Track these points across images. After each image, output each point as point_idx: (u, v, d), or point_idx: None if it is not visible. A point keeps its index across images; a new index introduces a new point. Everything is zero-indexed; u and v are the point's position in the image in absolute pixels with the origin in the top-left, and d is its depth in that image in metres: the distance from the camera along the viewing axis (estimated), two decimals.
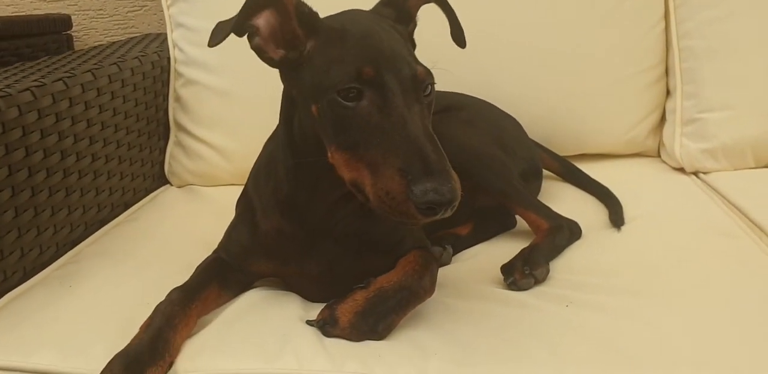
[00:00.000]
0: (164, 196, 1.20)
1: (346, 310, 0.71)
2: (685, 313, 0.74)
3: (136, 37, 1.48)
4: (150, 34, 1.55)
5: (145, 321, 0.71)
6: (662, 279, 0.81)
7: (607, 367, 0.65)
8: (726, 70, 1.15)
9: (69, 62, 1.09)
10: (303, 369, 0.66)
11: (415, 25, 0.78)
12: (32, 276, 0.87)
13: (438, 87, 1.12)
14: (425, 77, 0.67)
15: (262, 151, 0.88)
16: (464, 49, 0.79)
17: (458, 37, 0.80)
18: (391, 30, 0.71)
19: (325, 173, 0.70)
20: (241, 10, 0.68)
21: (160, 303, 0.73)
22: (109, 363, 0.66)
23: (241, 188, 1.22)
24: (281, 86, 0.86)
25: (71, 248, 0.96)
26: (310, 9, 0.70)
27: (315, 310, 0.77)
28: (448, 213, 0.61)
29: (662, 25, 1.22)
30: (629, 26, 1.21)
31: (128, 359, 0.66)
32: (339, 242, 0.77)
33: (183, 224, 1.07)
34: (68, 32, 1.60)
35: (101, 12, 1.66)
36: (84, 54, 1.19)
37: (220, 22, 0.74)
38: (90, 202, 1.01)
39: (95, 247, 0.97)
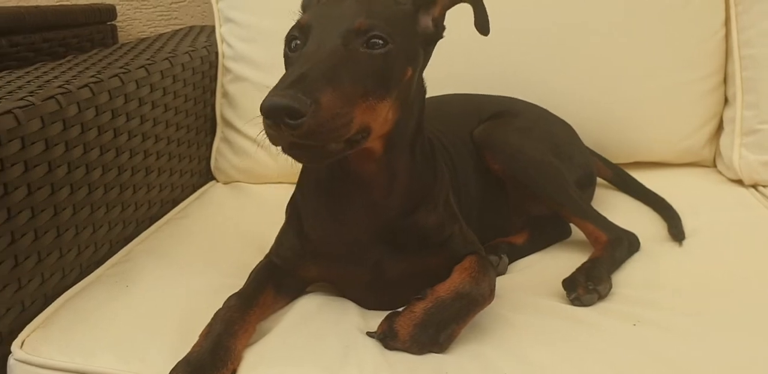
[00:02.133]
0: (211, 193, 1.19)
1: (404, 323, 0.70)
2: (752, 337, 0.72)
3: (181, 29, 1.47)
4: (194, 26, 1.54)
5: (205, 328, 0.70)
6: (728, 298, 0.79)
7: None
8: None
9: (121, 57, 1.08)
10: None
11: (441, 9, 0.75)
12: (88, 274, 0.86)
13: (492, 91, 1.11)
14: (363, 29, 0.65)
15: None
16: (521, 55, 0.76)
17: (482, 24, 0.76)
18: (374, 3, 0.70)
19: (356, 165, 0.71)
20: None
21: (219, 309, 0.72)
22: (172, 371, 0.65)
23: (287, 186, 1.23)
24: None
25: (123, 246, 0.95)
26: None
27: (373, 319, 0.76)
28: (300, 128, 0.56)
29: (723, 32, 1.18)
30: (689, 32, 1.17)
31: (191, 367, 0.65)
32: (385, 242, 0.76)
33: (231, 222, 1.07)
34: (112, 23, 1.60)
35: (145, 3, 1.65)
36: (133, 48, 1.18)
37: None
38: (141, 199, 1.00)
39: (146, 245, 0.96)
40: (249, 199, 1.18)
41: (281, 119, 0.56)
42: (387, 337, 0.70)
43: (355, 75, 0.62)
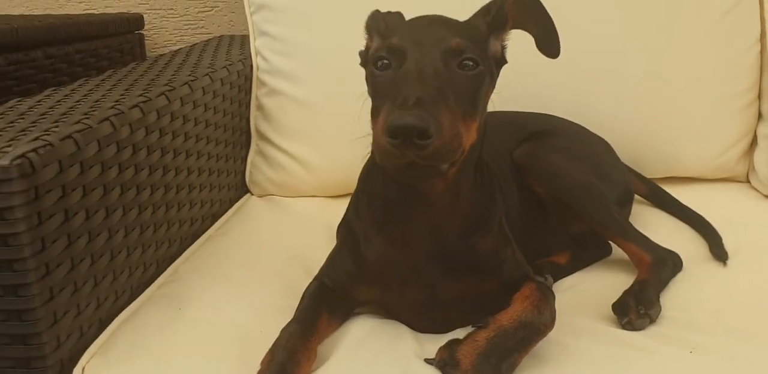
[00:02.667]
0: (248, 207, 1.20)
1: (467, 351, 0.70)
2: None
3: (211, 40, 1.47)
4: (223, 36, 1.54)
5: (267, 356, 0.70)
6: None
7: None
8: None
9: (160, 72, 1.08)
10: None
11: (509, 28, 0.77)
12: (138, 295, 0.87)
13: (529, 108, 1.12)
14: (459, 49, 0.67)
15: (359, 177, 0.87)
16: (556, 70, 0.77)
17: (551, 47, 0.78)
18: (448, 22, 0.72)
19: (427, 186, 0.72)
20: None
21: (280, 337, 0.72)
22: None
23: (320, 200, 1.23)
24: (366, 100, 0.86)
25: (169, 265, 0.95)
26: (378, 17, 0.77)
27: (427, 343, 0.76)
28: (427, 148, 0.59)
29: (758, 47, 1.19)
30: (724, 49, 1.18)
31: None
32: (441, 265, 0.77)
33: (272, 238, 1.07)
34: (140, 31, 1.60)
35: (172, 11, 1.65)
36: (169, 62, 1.18)
37: None
38: (184, 216, 1.00)
39: (191, 263, 0.97)
40: (285, 213, 1.18)
41: (411, 138, 0.58)
42: (447, 365, 0.70)
43: (457, 96, 0.65)
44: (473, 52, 0.68)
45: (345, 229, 0.84)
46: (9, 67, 1.18)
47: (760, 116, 1.21)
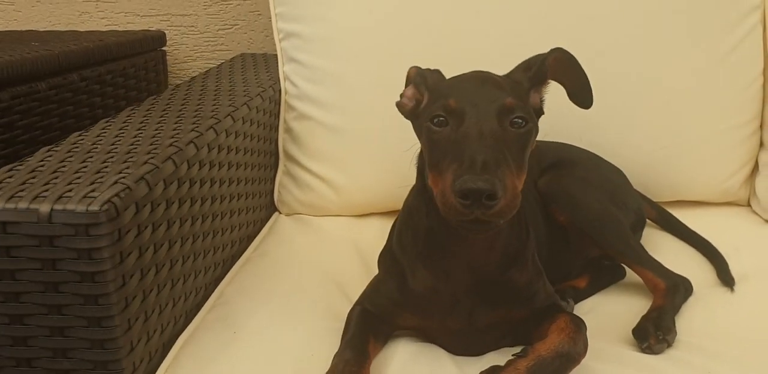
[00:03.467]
0: (279, 226, 1.26)
1: None
2: None
3: (234, 59, 1.52)
4: (245, 54, 1.59)
5: None
6: None
7: None
8: None
9: (200, 101, 1.13)
10: None
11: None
12: (192, 318, 0.93)
13: (548, 134, 1.18)
14: (512, 108, 0.74)
15: (402, 207, 0.93)
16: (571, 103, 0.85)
17: (584, 99, 0.86)
18: (488, 80, 0.79)
19: None
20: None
21: (336, 363, 0.79)
22: None
23: (346, 218, 1.30)
24: (390, 124, 0.94)
25: (215, 288, 1.01)
26: (426, 74, 0.84)
27: (466, 367, 0.83)
28: (494, 208, 0.67)
29: (761, 81, 1.26)
30: (729, 82, 1.25)
31: None
32: (479, 295, 0.83)
33: (306, 258, 1.14)
34: (162, 49, 1.64)
35: (193, 28, 1.70)
36: (204, 88, 1.23)
37: None
38: (226, 240, 1.06)
39: (235, 286, 1.03)
40: (315, 233, 1.24)
41: (480, 200, 0.65)
42: None
43: (512, 153, 0.71)
44: (522, 110, 0.74)
45: (389, 260, 0.90)
46: (50, 91, 1.23)
47: (761, 144, 1.29)
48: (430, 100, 0.80)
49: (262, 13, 1.66)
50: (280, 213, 1.32)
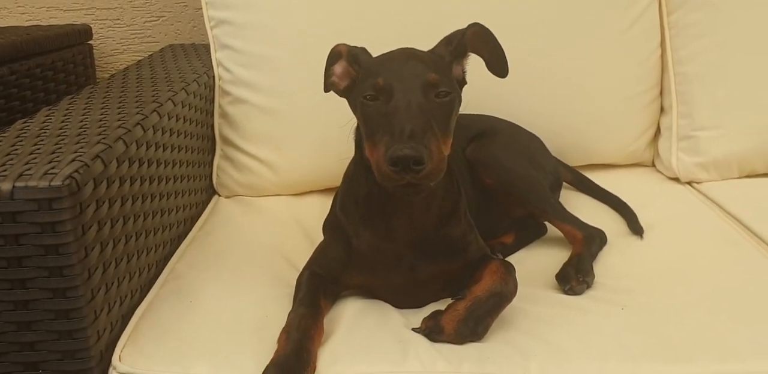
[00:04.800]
0: (220, 208, 1.30)
1: (449, 319, 0.85)
2: (718, 315, 0.90)
3: (164, 50, 1.55)
4: (173, 45, 1.62)
5: (281, 335, 0.83)
6: (691, 282, 0.98)
7: (672, 361, 0.82)
8: (715, 94, 1.33)
9: (139, 88, 1.16)
10: (427, 370, 0.80)
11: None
12: (147, 292, 0.97)
13: (472, 107, 1.27)
14: (436, 82, 0.83)
15: (343, 177, 1.01)
16: (495, 79, 0.94)
17: (501, 69, 0.95)
18: (414, 56, 0.87)
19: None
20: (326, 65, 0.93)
21: (291, 318, 0.85)
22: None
23: (285, 198, 1.35)
24: (322, 104, 0.99)
25: (164, 265, 1.06)
26: (357, 52, 0.90)
27: (411, 317, 0.91)
28: (422, 172, 0.75)
29: (659, 52, 1.39)
30: (631, 54, 1.37)
31: (281, 369, 0.78)
32: (419, 251, 0.91)
33: (250, 234, 1.19)
34: (89, 42, 1.65)
35: (118, 21, 1.71)
36: (140, 76, 1.26)
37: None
38: (172, 220, 1.11)
39: (185, 262, 1.07)
40: (256, 212, 1.29)
41: (409, 166, 0.73)
42: (433, 332, 0.85)
43: (437, 122, 0.79)
44: (445, 83, 0.83)
45: (334, 225, 0.97)
46: None
47: (662, 109, 1.42)
48: (362, 77, 0.87)
49: (188, 4, 1.69)
50: (220, 196, 1.37)
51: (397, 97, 0.80)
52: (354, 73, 0.90)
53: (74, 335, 0.79)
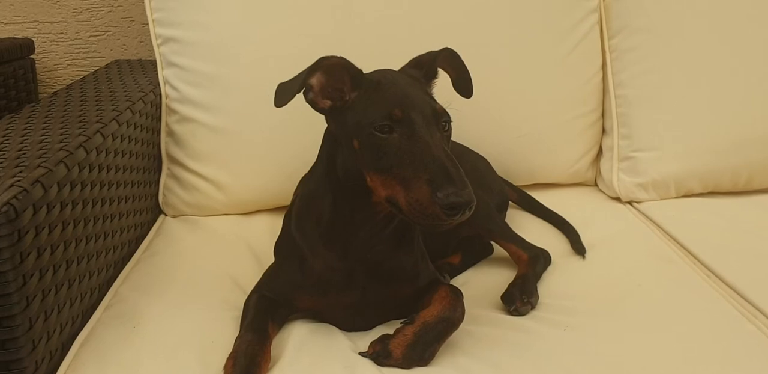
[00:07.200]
0: (167, 228, 1.28)
1: (398, 344, 0.86)
2: (656, 334, 0.93)
3: (110, 65, 1.52)
4: (119, 61, 1.59)
5: (228, 361, 0.82)
6: (632, 301, 1.01)
7: None
8: (653, 116, 1.38)
9: (82, 107, 1.14)
10: None
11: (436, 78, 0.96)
12: (89, 318, 0.95)
13: None
14: (443, 113, 0.85)
15: (298, 193, 1.00)
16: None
17: (466, 89, 0.98)
18: (413, 81, 0.89)
19: (361, 204, 0.86)
20: (304, 73, 0.84)
21: (238, 343, 0.85)
22: None
23: (232, 217, 1.34)
24: (271, 123, 0.95)
25: (107, 289, 1.03)
26: (356, 68, 0.86)
27: (358, 340, 0.92)
28: (467, 215, 0.78)
29: (600, 75, 1.44)
30: (573, 77, 1.41)
31: None
32: (372, 272, 0.92)
33: (197, 255, 1.18)
34: (31, 57, 1.61)
35: (62, 36, 1.67)
36: (83, 94, 1.24)
37: (281, 84, 0.87)
38: (116, 243, 1.08)
39: (129, 285, 1.05)
40: (204, 232, 1.28)
41: (464, 210, 0.76)
42: (380, 356, 0.86)
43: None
44: (446, 113, 0.84)
45: (289, 244, 0.96)
46: None
47: (604, 130, 1.46)
48: (362, 101, 0.83)
49: (135, 19, 1.67)
50: (166, 216, 1.35)
51: (421, 132, 0.80)
52: (348, 93, 0.85)
53: (11, 366, 0.76)
